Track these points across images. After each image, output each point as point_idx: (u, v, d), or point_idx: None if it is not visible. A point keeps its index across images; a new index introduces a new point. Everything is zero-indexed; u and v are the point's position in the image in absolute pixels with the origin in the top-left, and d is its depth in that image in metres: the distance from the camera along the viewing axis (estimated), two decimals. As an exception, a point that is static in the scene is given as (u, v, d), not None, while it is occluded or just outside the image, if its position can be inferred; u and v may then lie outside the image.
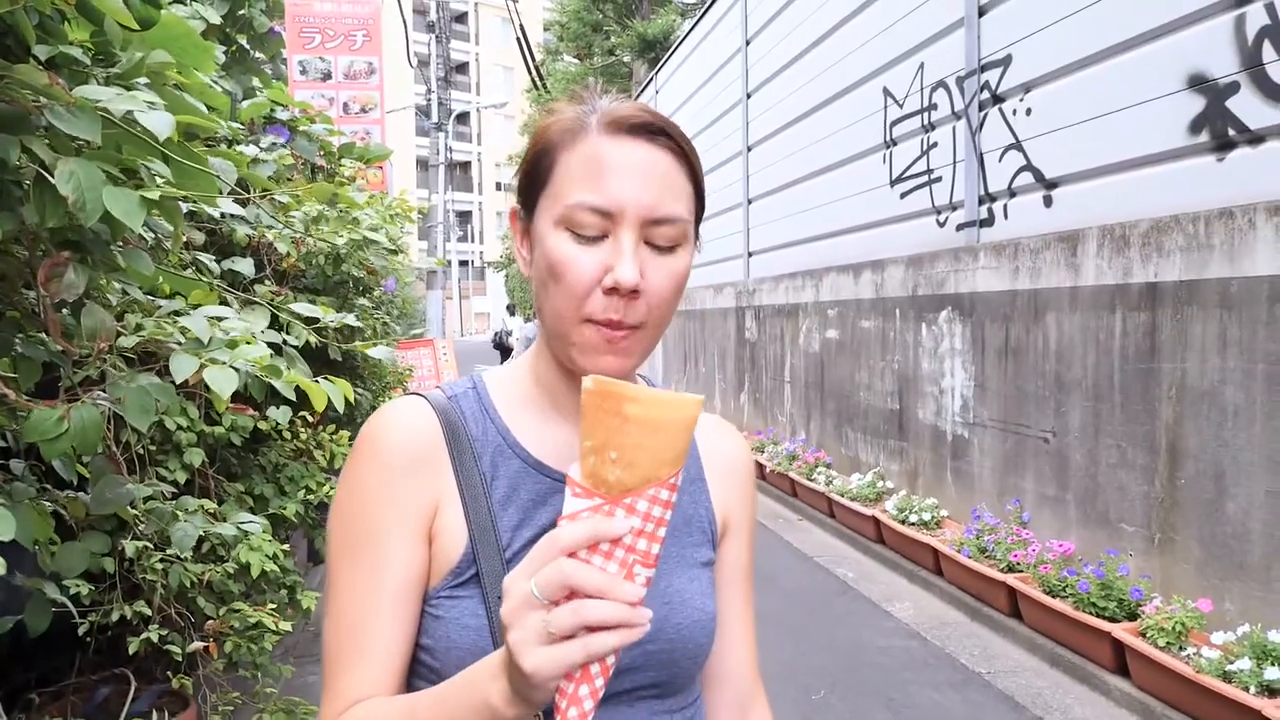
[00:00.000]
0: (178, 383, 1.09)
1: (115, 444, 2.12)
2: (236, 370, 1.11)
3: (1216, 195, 3.97)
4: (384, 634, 0.88)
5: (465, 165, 56.45)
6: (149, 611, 2.33)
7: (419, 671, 0.92)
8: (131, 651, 2.34)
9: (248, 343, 1.18)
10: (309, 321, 1.91)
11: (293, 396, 1.42)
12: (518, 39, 17.56)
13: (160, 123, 0.88)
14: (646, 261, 0.86)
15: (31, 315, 1.21)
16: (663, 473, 0.72)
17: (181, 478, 2.56)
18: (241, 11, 3.51)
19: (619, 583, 0.69)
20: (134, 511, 1.61)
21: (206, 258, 1.97)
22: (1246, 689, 3.27)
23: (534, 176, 0.92)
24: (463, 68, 53.33)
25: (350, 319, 1.64)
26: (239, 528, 1.87)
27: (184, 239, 2.16)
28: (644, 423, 0.70)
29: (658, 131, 0.88)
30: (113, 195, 0.88)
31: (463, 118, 48.96)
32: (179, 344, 1.14)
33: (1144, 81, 4.42)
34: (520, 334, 17.22)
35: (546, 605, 0.68)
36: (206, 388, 1.25)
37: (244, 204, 1.85)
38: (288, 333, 1.62)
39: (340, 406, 1.43)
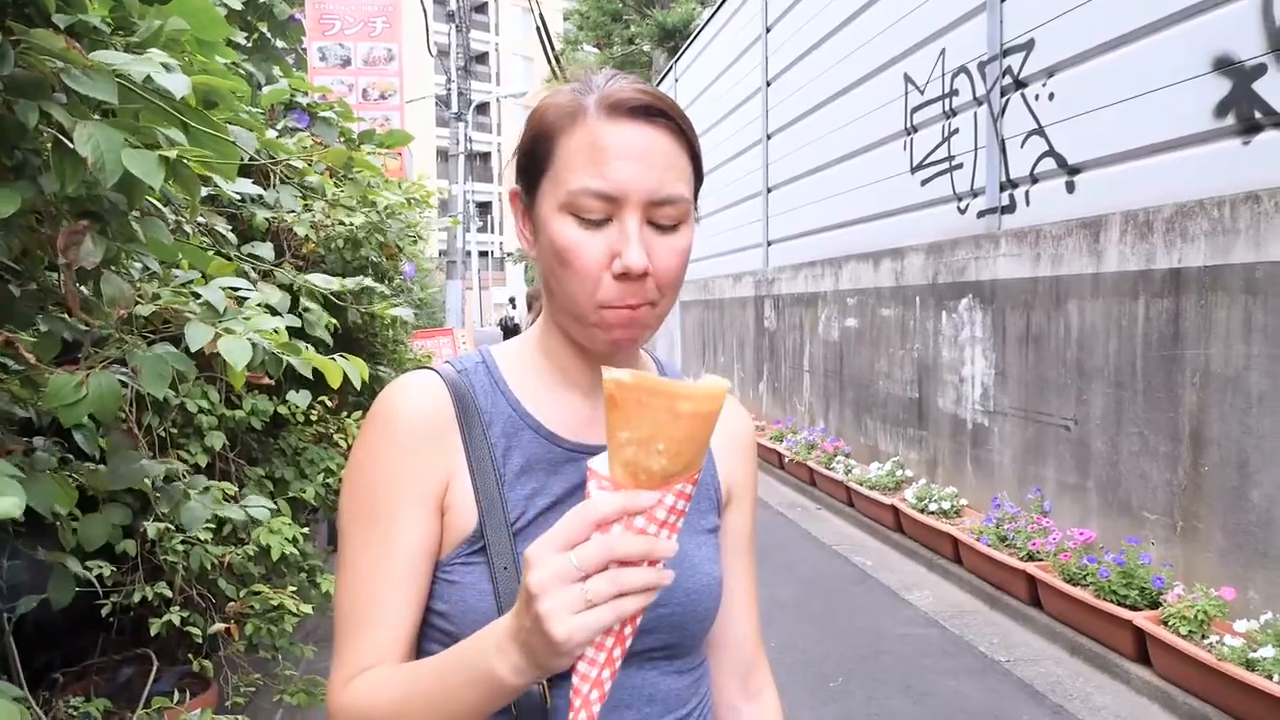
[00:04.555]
0: (193, 350, 1.09)
1: (137, 426, 2.14)
2: (252, 343, 1.12)
3: (1242, 179, 3.91)
4: (394, 605, 0.90)
5: (485, 156, 56.50)
6: (170, 593, 2.35)
7: (433, 636, 0.93)
8: (153, 633, 2.37)
9: (268, 310, 1.18)
10: (328, 303, 1.92)
11: (310, 376, 1.42)
12: (538, 28, 17.51)
13: (177, 83, 0.89)
14: (651, 242, 0.88)
15: (54, 290, 1.22)
16: (700, 460, 0.74)
17: (203, 460, 2.58)
18: (262, -1, 3.52)
19: (659, 540, 0.72)
20: (153, 491, 1.62)
21: (224, 227, 1.98)
22: (1270, 677, 3.24)
23: (533, 160, 0.92)
24: (482, 58, 53.32)
25: (368, 280, 1.65)
26: (246, 511, 1.89)
27: (205, 224, 2.18)
28: (695, 417, 0.72)
29: (657, 113, 0.88)
30: (131, 156, 0.89)
31: (482, 108, 48.95)
32: (194, 314, 1.14)
33: (1169, 64, 4.36)
34: (526, 319, 17.31)
35: (582, 576, 0.70)
36: (225, 368, 1.26)
37: (265, 179, 1.86)
38: (306, 311, 1.63)
39: (357, 384, 1.43)
